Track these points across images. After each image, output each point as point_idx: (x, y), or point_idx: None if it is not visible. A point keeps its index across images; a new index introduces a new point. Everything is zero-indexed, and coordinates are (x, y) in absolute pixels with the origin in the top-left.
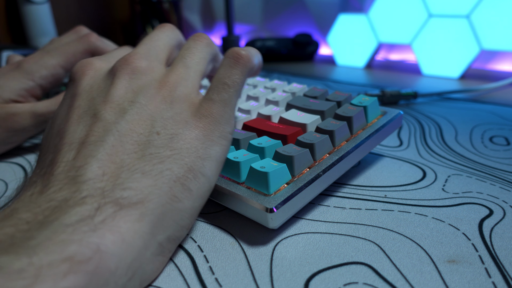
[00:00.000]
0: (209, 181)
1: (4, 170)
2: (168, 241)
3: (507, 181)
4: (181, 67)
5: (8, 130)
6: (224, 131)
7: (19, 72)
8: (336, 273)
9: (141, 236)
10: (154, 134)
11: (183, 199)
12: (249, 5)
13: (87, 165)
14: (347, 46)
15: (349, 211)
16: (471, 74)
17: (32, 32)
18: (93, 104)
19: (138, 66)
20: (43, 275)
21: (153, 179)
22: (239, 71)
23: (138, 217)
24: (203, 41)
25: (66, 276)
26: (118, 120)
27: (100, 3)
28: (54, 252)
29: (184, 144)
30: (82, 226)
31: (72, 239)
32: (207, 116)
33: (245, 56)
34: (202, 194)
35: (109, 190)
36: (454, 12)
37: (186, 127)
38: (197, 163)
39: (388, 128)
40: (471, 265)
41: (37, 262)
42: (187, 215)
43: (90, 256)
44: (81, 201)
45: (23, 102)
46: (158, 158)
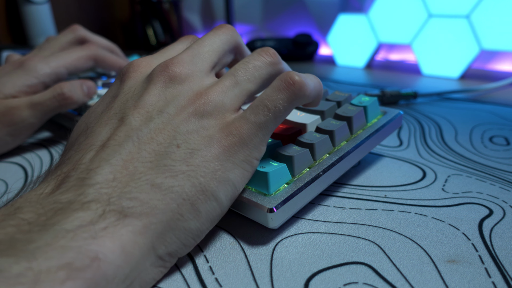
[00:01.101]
0: (221, 206)
1: (4, 170)
2: (169, 256)
3: (507, 181)
4: (228, 80)
5: (9, 125)
6: (250, 156)
7: (23, 69)
8: (336, 273)
9: (141, 248)
10: (174, 146)
11: (189, 220)
12: (249, 5)
13: (99, 169)
14: (347, 46)
15: (349, 211)
16: (471, 74)
17: (32, 32)
18: (124, 107)
19: (177, 73)
20: (41, 280)
21: (161, 193)
22: (286, 97)
23: (140, 229)
24: (267, 59)
25: (64, 282)
26: (142, 128)
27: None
28: (53, 258)
29: (203, 162)
30: (82, 232)
31: (71, 246)
32: (235, 135)
33: (298, 83)
34: (211, 218)
35: (116, 197)
36: (454, 12)
37: (209, 143)
38: (211, 185)
39: (388, 128)
40: (471, 265)
41: (36, 267)
42: (192, 236)
43: (88, 264)
44: (85, 205)
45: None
46: (172, 171)
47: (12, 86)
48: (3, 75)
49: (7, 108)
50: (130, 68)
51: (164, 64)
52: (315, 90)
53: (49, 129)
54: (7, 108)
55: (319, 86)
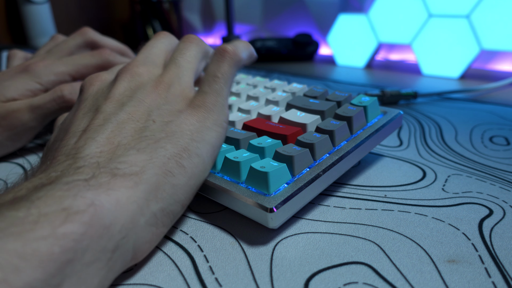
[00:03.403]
0: (204, 162)
1: (4, 170)
2: (162, 213)
3: (507, 181)
4: (173, 67)
5: (9, 128)
6: (218, 119)
7: (27, 74)
8: (336, 273)
9: (135, 200)
10: (150, 121)
11: (177, 175)
12: (249, 5)
13: (86, 145)
14: (347, 46)
15: (349, 211)
16: (471, 74)
17: (32, 32)
18: (96, 103)
19: (136, 70)
20: (41, 221)
21: (148, 155)
22: (227, 64)
23: (132, 185)
24: (192, 41)
25: (63, 224)
26: (117, 112)
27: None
28: (51, 204)
29: (179, 128)
30: (77, 185)
31: (68, 194)
32: (200, 106)
33: (231, 51)
34: (196, 173)
35: (105, 162)
36: (454, 12)
37: (181, 115)
38: (191, 144)
39: (388, 128)
40: (471, 265)
41: (36, 212)
42: (182, 191)
43: (85, 209)
44: (77, 170)
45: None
46: (153, 139)
47: (15, 90)
48: (7, 79)
49: (7, 112)
50: (92, 79)
51: (124, 67)
52: (246, 50)
53: (50, 131)
54: (7, 112)
55: (248, 46)
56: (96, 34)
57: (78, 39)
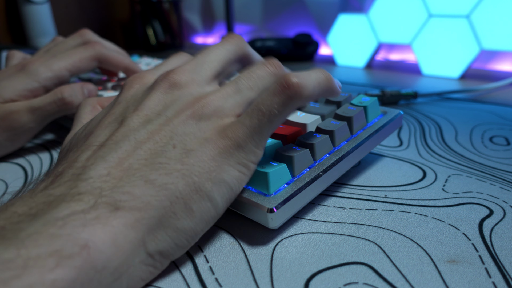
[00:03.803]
0: (216, 207)
1: (4, 170)
2: (160, 256)
3: (507, 181)
4: (230, 88)
5: (8, 129)
6: (246, 159)
7: (24, 73)
8: (336, 273)
9: (131, 241)
10: (170, 145)
11: (182, 218)
12: (249, 5)
13: (94, 165)
14: (347, 46)
15: (349, 211)
16: (471, 74)
17: (32, 32)
18: (125, 112)
19: (177, 81)
20: (30, 266)
21: (155, 190)
22: (280, 101)
23: (132, 222)
24: (270, 69)
25: (53, 269)
26: (139, 128)
27: (100, 3)
28: (42, 245)
29: (198, 161)
30: (73, 220)
31: (61, 234)
32: (230, 138)
33: (294, 86)
34: (205, 218)
35: (108, 190)
36: (454, 12)
37: (205, 145)
38: (206, 185)
39: (388, 128)
40: (471, 265)
41: (25, 254)
42: (185, 236)
43: (78, 252)
44: (77, 197)
45: None
46: (166, 169)
47: (13, 90)
48: (4, 78)
49: (6, 113)
50: (134, 79)
51: (166, 73)
52: (319, 87)
53: (50, 130)
54: (6, 113)
55: (324, 80)
56: (95, 36)
57: (77, 40)
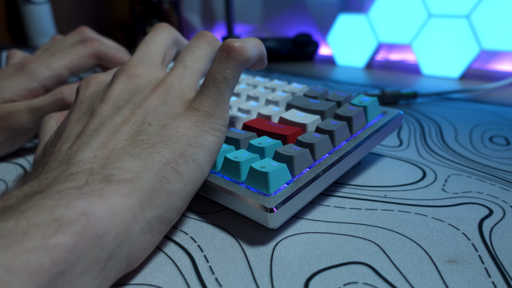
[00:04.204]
0: (201, 167)
1: (4, 170)
2: (157, 220)
3: (507, 181)
4: (179, 67)
5: (8, 130)
6: (217, 123)
7: (24, 72)
8: (336, 273)
9: (129, 208)
10: (146, 124)
11: (172, 181)
12: (249, 5)
13: (80, 151)
14: (347, 46)
15: (349, 211)
16: (471, 74)
17: (32, 32)
18: (92, 106)
19: (133, 71)
20: (31, 233)
21: (143, 161)
22: (230, 65)
23: (127, 192)
24: (205, 40)
25: (54, 235)
26: (113, 115)
27: (100, 3)
28: (41, 214)
29: (175, 132)
30: (69, 194)
31: (59, 204)
32: (198, 109)
33: (237, 48)
34: (193, 179)
35: (99, 169)
36: (454, 12)
37: (178, 118)
38: (188, 150)
39: (388, 128)
40: (471, 265)
41: (25, 223)
42: (177, 198)
43: (76, 219)
44: (70, 177)
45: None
46: (149, 143)
47: (12, 90)
48: (4, 78)
49: (6, 113)
50: (88, 80)
51: (121, 67)
52: (257, 50)
53: None
54: (6, 113)
55: (260, 45)
56: (94, 33)
57: (75, 38)
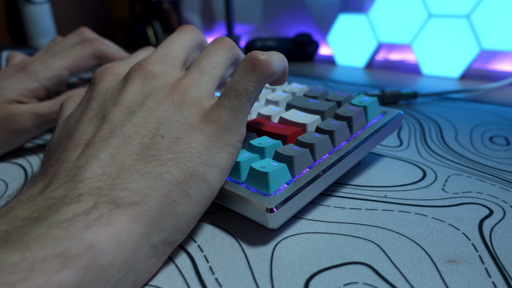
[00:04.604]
0: (211, 188)
1: (4, 170)
2: (163, 244)
3: (507, 181)
4: (196, 71)
5: (9, 131)
6: (232, 139)
7: (24, 73)
8: (336, 273)
9: (135, 236)
10: (158, 137)
11: (181, 204)
12: (249, 5)
13: (88, 165)
14: (347, 46)
15: (349, 211)
16: (471, 74)
17: (32, 32)
18: (104, 107)
19: (151, 70)
20: (36, 269)
21: (151, 181)
22: (254, 78)
23: (133, 218)
24: (223, 45)
25: (59, 271)
26: (125, 123)
27: (100, 3)
28: (47, 247)
29: (188, 148)
30: (76, 222)
31: (66, 235)
32: (215, 122)
33: (263, 62)
34: (202, 200)
35: (107, 189)
36: (454, 12)
37: (192, 131)
38: (199, 168)
39: (388, 128)
40: (471, 265)
41: (31, 257)
42: (184, 220)
43: (83, 253)
44: (77, 198)
45: (25, 103)
46: (159, 160)
47: (13, 90)
48: (4, 78)
49: (9, 115)
50: (103, 71)
51: (138, 63)
52: (281, 65)
53: (49, 130)
54: (9, 115)
55: (284, 61)
56: (94, 34)
57: (75, 39)
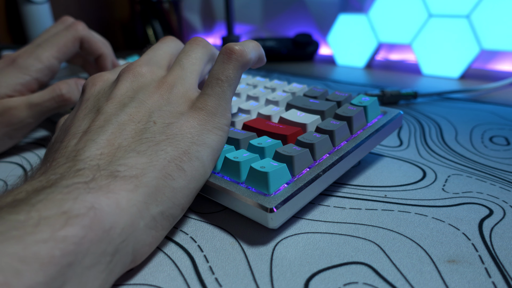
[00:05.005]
0: (204, 165)
1: (4, 170)
2: (161, 216)
3: (507, 181)
4: (178, 68)
5: (6, 125)
6: (220, 123)
7: (14, 67)
8: (336, 273)
9: (134, 204)
10: (151, 122)
11: (176, 178)
12: (249, 5)
13: (86, 147)
14: (347, 46)
15: (349, 211)
16: (471, 74)
17: (32, 32)
18: (98, 103)
19: (139, 70)
20: (42, 225)
21: (147, 158)
22: (232, 66)
23: (132, 188)
24: (198, 44)
25: (63, 227)
26: (118, 113)
27: (100, 3)
28: (51, 208)
29: (180, 131)
30: (77, 188)
31: (68, 198)
32: (202, 109)
33: (238, 51)
34: (196, 176)
35: (105, 165)
36: (454, 12)
37: (182, 117)
38: (192, 147)
39: (388, 128)
40: (471, 265)
41: (36, 215)
42: (181, 194)
43: (85, 212)
44: (77, 173)
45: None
46: (154, 141)
47: (6, 86)
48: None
49: (4, 108)
50: (94, 79)
51: (127, 66)
52: (255, 52)
53: (46, 128)
54: (5, 108)
55: (258, 47)
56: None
57: (59, 26)
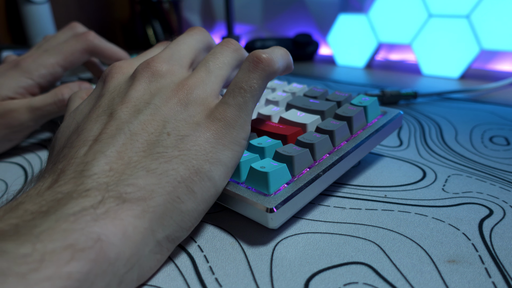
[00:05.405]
0: (216, 186)
1: (4, 170)
2: (167, 241)
3: (507, 181)
4: (202, 71)
5: (6, 127)
6: (237, 137)
7: (17, 70)
8: (336, 273)
9: (140, 231)
10: (164, 134)
11: (186, 201)
12: (249, 5)
13: (95, 161)
14: (347, 46)
15: (349, 211)
16: (471, 74)
17: (32, 32)
18: (112, 104)
19: (158, 69)
20: (47, 260)
21: (157, 178)
22: (257, 76)
23: (139, 213)
24: (230, 47)
25: (68, 262)
26: (131, 120)
27: (100, 3)
28: (56, 240)
29: (194, 146)
30: (84, 216)
31: (74, 228)
32: (220, 120)
33: (266, 60)
34: (206, 198)
35: (114, 184)
36: (454, 12)
37: (198, 129)
38: (204, 166)
39: (388, 128)
40: (471, 265)
41: (41, 248)
42: (189, 218)
43: (91, 245)
44: (84, 193)
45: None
46: (165, 157)
47: (8, 88)
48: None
49: (5, 111)
50: (113, 69)
51: (146, 62)
52: (284, 61)
53: (48, 129)
54: (6, 111)
55: (286, 55)
56: (85, 28)
57: (67, 33)
